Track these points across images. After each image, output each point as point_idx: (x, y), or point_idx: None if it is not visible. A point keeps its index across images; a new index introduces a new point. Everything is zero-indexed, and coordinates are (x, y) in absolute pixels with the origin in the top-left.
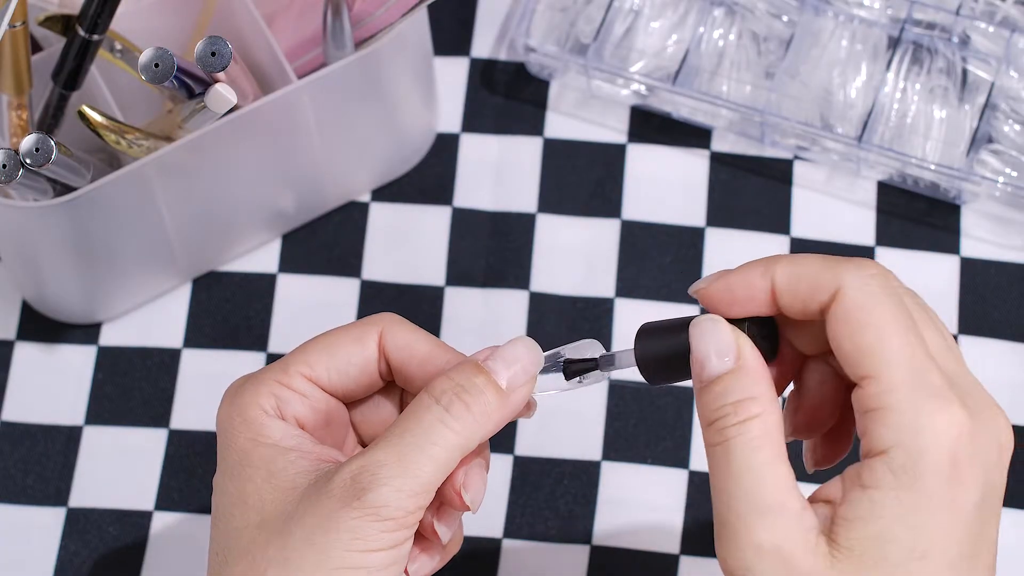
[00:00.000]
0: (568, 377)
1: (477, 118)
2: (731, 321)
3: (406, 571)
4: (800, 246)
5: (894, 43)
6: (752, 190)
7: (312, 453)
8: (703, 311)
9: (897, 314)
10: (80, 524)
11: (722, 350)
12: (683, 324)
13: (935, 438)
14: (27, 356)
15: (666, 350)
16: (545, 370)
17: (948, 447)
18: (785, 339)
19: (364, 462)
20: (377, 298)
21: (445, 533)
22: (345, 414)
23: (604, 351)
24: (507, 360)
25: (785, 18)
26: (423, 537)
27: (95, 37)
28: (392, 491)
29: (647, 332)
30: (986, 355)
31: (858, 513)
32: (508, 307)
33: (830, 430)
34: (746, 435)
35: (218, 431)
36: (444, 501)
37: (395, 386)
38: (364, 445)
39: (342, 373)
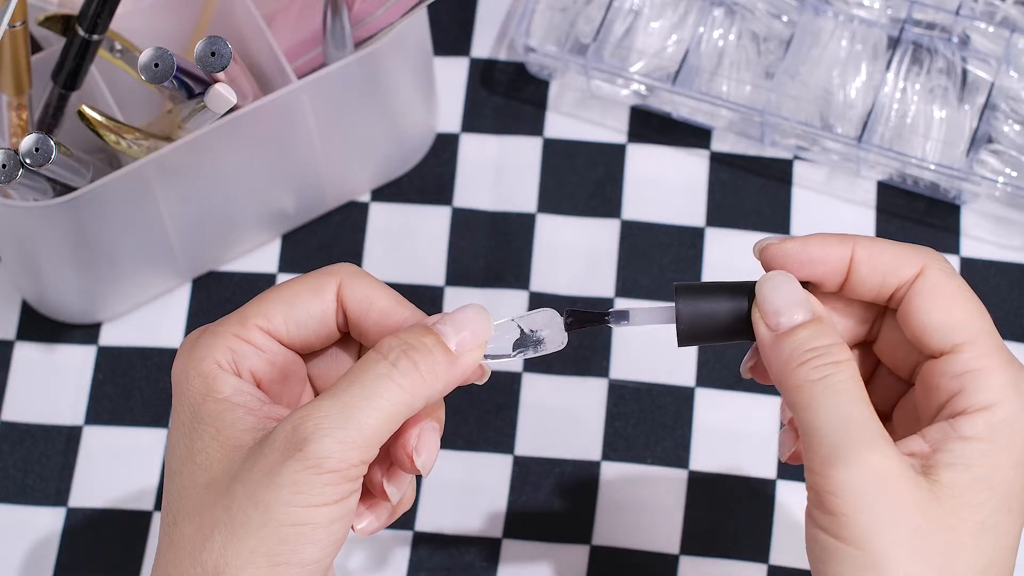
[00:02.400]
0: (569, 328)
1: (477, 118)
2: None
3: (352, 527)
4: None
5: (894, 43)
6: (752, 190)
7: (260, 411)
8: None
9: (975, 298)
10: (80, 524)
11: (797, 300)
12: (736, 285)
13: None
14: (27, 356)
15: (716, 310)
16: (509, 339)
17: None
18: None
19: (306, 413)
20: None
21: (395, 494)
22: (302, 368)
23: (561, 322)
24: (457, 324)
25: (785, 18)
26: (371, 495)
27: (95, 37)
28: (334, 442)
29: (689, 290)
30: None
31: (961, 460)
32: (508, 307)
33: None
34: (846, 372)
35: (173, 385)
36: (395, 462)
37: (353, 340)
38: None
39: (300, 325)
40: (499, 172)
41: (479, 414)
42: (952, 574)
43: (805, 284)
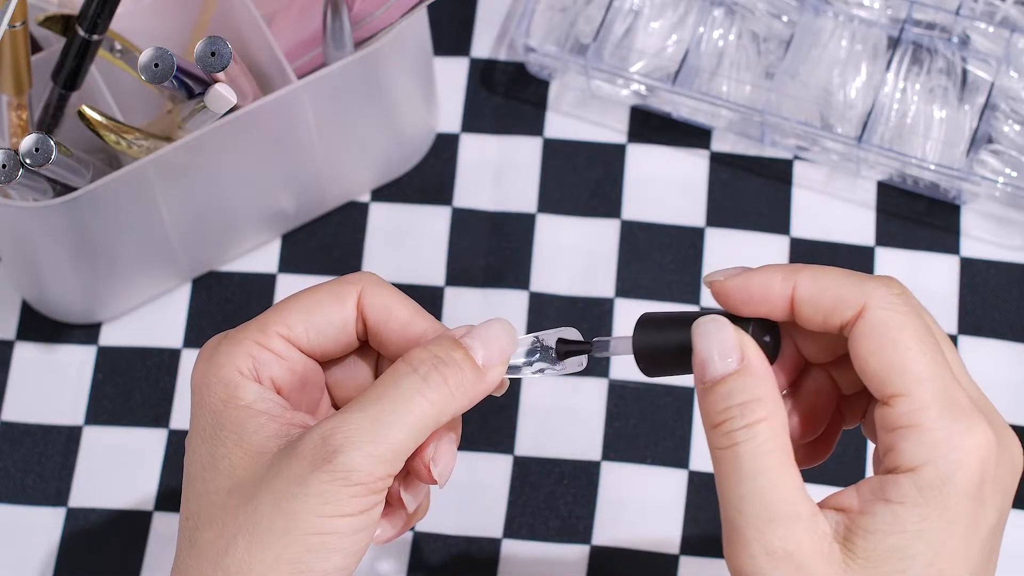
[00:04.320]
0: (560, 358)
1: (477, 118)
2: (735, 320)
3: None
4: (800, 246)
5: (894, 43)
6: (752, 190)
7: (283, 418)
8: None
9: (924, 334)
10: (80, 524)
11: (725, 351)
12: (686, 319)
13: (967, 458)
14: (27, 356)
15: (665, 344)
16: (530, 355)
17: (978, 468)
18: (789, 343)
19: (336, 424)
20: None
21: (411, 502)
22: (321, 376)
23: (580, 338)
24: (484, 339)
25: (785, 18)
26: (388, 503)
27: (95, 37)
28: (363, 456)
29: (647, 323)
30: (986, 355)
31: (880, 526)
32: (508, 307)
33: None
34: (755, 440)
35: (192, 391)
36: (411, 472)
37: (371, 348)
38: (338, 408)
39: (320, 333)
40: (499, 172)
41: (479, 414)
42: None
43: None
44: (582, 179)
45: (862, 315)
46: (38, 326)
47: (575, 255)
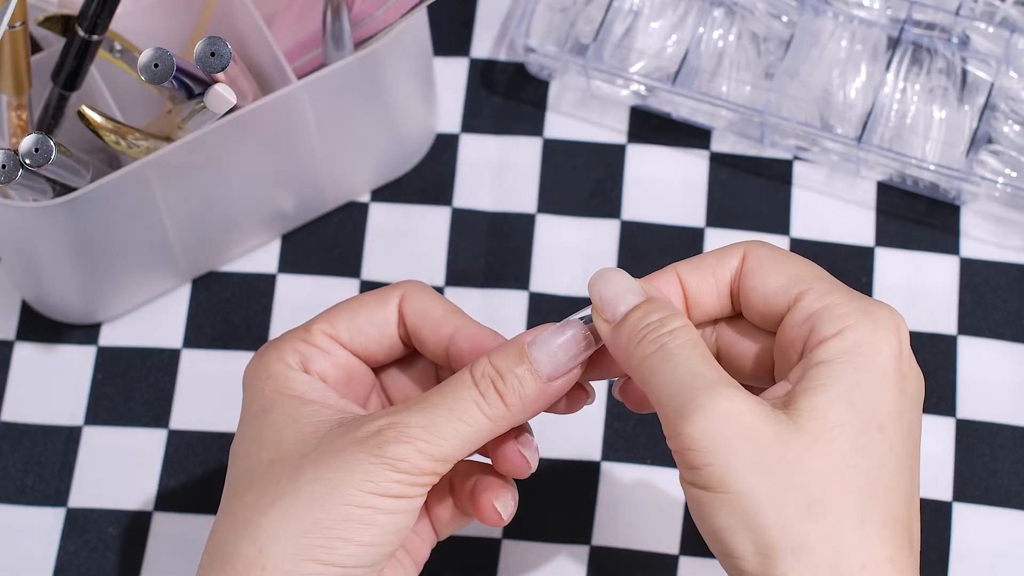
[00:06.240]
0: None
1: (477, 118)
2: None
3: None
4: (799, 246)
5: (894, 43)
6: (752, 190)
7: (335, 406)
8: None
9: (802, 258)
10: (80, 524)
11: (628, 288)
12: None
13: (885, 322)
14: (27, 356)
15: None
16: None
17: (895, 335)
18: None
19: (393, 420)
20: None
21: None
22: (368, 374)
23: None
24: (551, 349)
25: (785, 18)
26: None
27: (95, 37)
28: (414, 451)
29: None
30: (986, 355)
31: (816, 382)
32: (508, 307)
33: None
34: (682, 336)
35: (244, 387)
36: (477, 514)
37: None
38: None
39: (362, 332)
40: (499, 172)
41: None
42: (827, 499)
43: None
44: (582, 179)
45: (746, 256)
46: (38, 326)
47: (575, 255)
